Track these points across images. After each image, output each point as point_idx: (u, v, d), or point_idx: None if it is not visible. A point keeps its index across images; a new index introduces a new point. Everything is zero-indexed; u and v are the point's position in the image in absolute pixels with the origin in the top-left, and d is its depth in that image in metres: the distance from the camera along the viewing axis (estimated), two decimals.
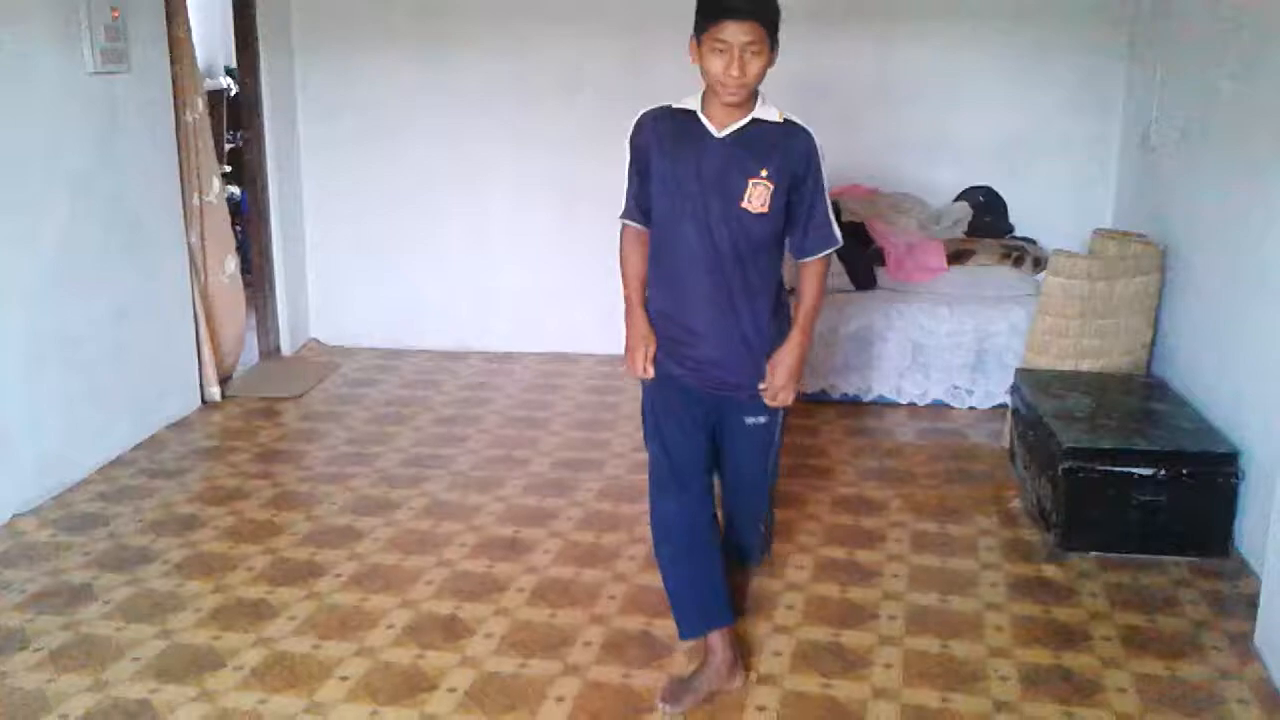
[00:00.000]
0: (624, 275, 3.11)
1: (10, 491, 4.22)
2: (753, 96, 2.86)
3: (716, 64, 2.75)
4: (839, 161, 6.06)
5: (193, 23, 5.52)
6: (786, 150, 2.85)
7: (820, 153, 2.90)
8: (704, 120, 2.88)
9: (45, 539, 4.06)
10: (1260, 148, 3.99)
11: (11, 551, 3.96)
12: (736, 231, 2.85)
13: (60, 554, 3.93)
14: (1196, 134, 4.70)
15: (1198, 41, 4.76)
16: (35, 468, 4.36)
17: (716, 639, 3.04)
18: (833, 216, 2.97)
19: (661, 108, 2.99)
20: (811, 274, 3.00)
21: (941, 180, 6.13)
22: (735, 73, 2.74)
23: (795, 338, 2.96)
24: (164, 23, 5.21)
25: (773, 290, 2.97)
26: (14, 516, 4.20)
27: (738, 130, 2.85)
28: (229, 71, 8.66)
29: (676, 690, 2.99)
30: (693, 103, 2.92)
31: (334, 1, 6.32)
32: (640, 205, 3.02)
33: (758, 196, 2.82)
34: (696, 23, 2.78)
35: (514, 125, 6.35)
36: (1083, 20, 5.85)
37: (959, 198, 6.08)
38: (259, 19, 6.06)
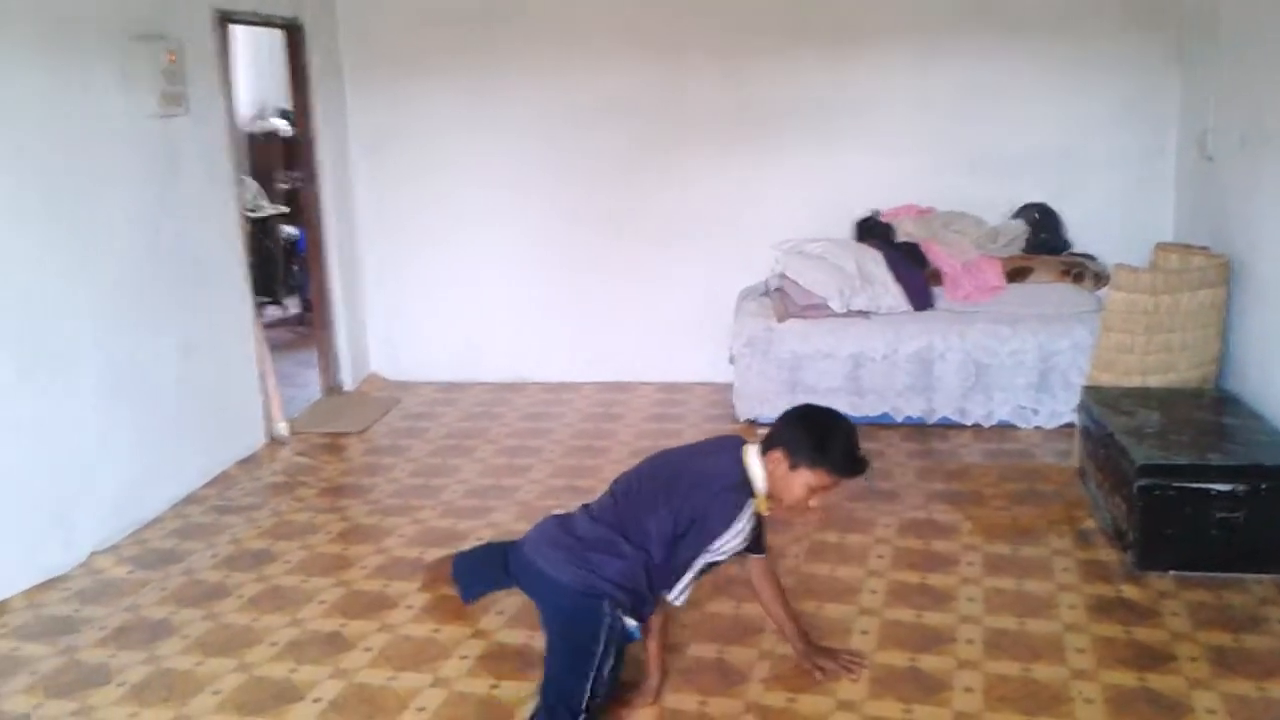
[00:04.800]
0: None
1: (89, 529, 4.30)
2: None
3: (810, 499, 3.06)
4: (891, 183, 6.11)
5: (244, 65, 5.61)
6: None
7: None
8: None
9: (123, 575, 4.12)
10: None
11: (92, 588, 4.02)
12: None
13: (138, 590, 3.99)
14: (1256, 140, 4.65)
15: (1250, 45, 4.71)
16: (112, 505, 4.44)
17: None
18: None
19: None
20: None
21: (995, 198, 6.09)
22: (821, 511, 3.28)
23: None
24: (220, 66, 5.32)
25: None
26: (93, 554, 4.27)
27: None
28: (283, 113, 8.82)
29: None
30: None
31: (383, 41, 6.43)
32: None
33: None
34: (814, 459, 3.02)
35: (563, 154, 6.40)
36: (1130, 30, 5.82)
37: (1014, 215, 6.04)
38: (311, 60, 6.17)
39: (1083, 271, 5.63)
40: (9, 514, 3.95)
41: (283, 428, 5.66)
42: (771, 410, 5.56)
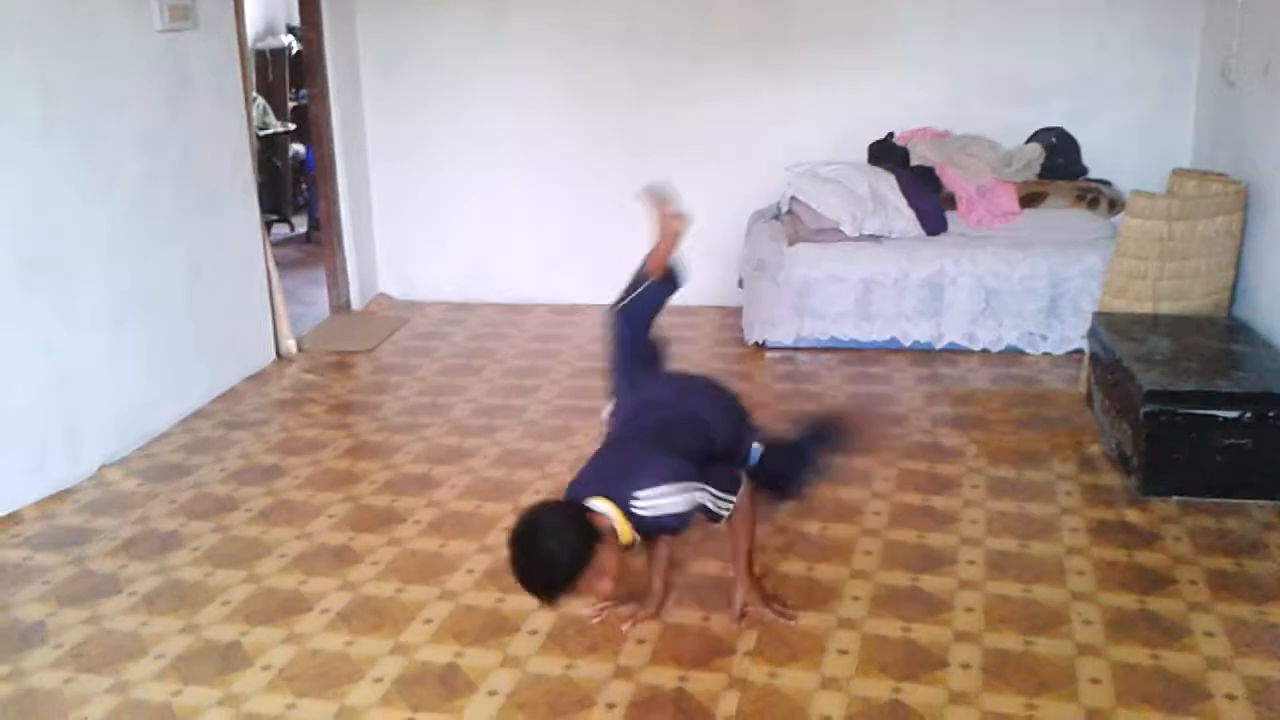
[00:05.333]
0: None
1: (98, 443, 4.33)
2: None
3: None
4: (907, 106, 6.03)
5: None
6: None
7: None
8: None
9: (133, 488, 4.16)
10: None
11: (101, 500, 4.07)
12: None
13: (147, 503, 4.03)
14: None
15: None
16: (120, 420, 4.46)
17: None
18: None
19: None
20: None
21: (1012, 122, 5.99)
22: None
23: None
24: None
25: None
26: (102, 467, 4.31)
27: None
28: (290, 29, 8.72)
29: None
30: None
31: None
32: None
33: None
34: None
35: (576, 76, 6.32)
36: None
37: (1030, 139, 5.95)
38: None
39: (1098, 197, 5.57)
40: (19, 426, 3.97)
41: (291, 345, 5.68)
42: (780, 335, 5.57)
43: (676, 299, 6.44)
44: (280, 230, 8.49)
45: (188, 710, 2.80)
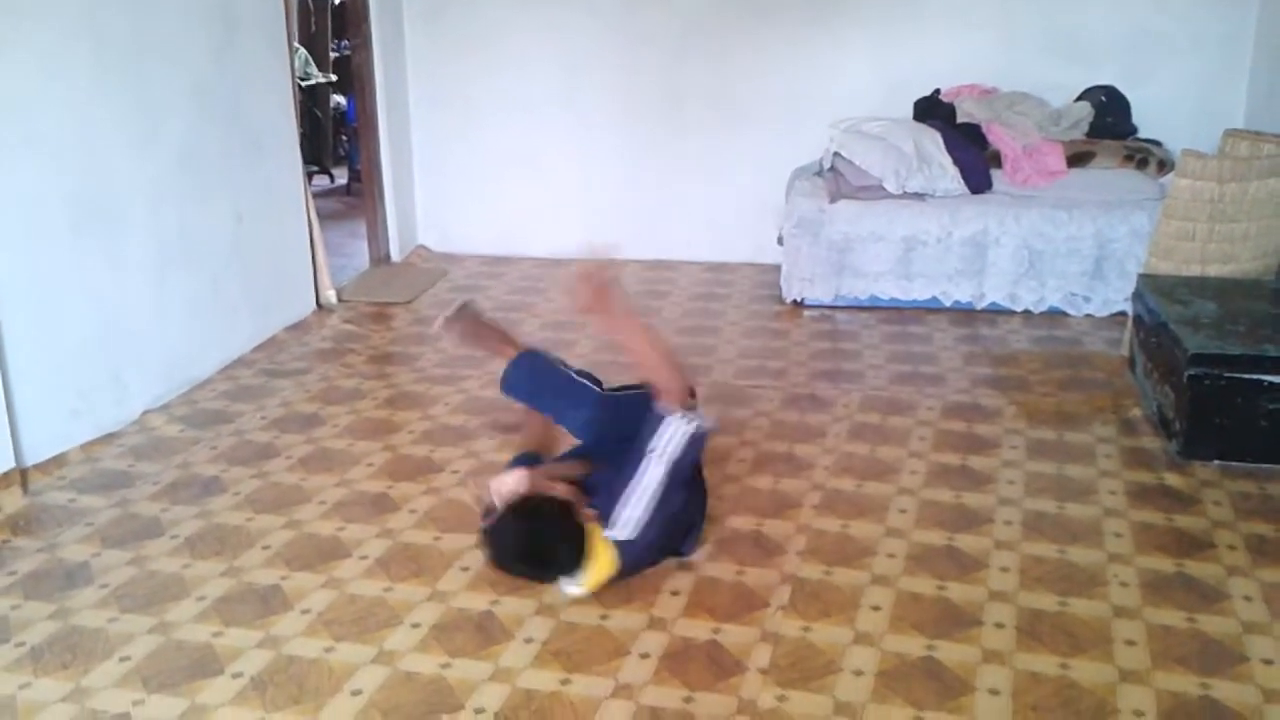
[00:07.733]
0: None
1: (141, 388, 4.38)
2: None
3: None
4: (954, 62, 5.94)
5: None
6: None
7: None
8: None
9: (175, 434, 4.22)
10: None
11: (144, 445, 4.13)
12: None
13: (189, 448, 4.09)
14: None
15: None
16: (163, 366, 4.52)
17: None
18: None
19: None
20: None
21: (1062, 80, 5.90)
22: None
23: None
24: None
25: None
26: (145, 412, 4.37)
27: None
28: None
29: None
30: None
31: None
32: None
33: None
34: None
35: (619, 29, 6.28)
36: None
37: (1080, 98, 5.86)
38: None
39: (1147, 157, 5.48)
40: (66, 370, 4.03)
41: (331, 296, 5.72)
42: (818, 293, 5.54)
43: (714, 256, 6.47)
44: (321, 182, 8.52)
45: (229, 651, 2.85)
